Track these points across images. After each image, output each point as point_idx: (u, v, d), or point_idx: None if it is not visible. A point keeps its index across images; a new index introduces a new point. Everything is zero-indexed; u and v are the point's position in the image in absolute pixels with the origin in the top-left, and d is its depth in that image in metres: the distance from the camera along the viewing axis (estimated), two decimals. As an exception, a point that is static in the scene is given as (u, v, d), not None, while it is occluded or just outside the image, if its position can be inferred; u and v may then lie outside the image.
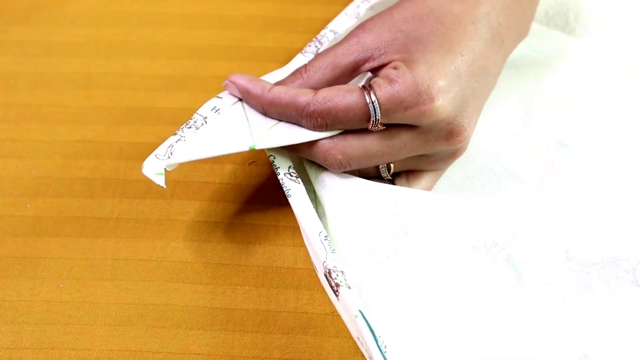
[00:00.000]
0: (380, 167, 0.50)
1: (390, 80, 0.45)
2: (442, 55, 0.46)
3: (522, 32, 0.51)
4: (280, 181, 0.48)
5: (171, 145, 0.47)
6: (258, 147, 0.47)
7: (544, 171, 0.53)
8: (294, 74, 0.49)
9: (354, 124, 0.46)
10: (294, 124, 0.47)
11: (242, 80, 0.48)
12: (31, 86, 0.60)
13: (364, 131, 0.47)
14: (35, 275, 0.51)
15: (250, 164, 0.56)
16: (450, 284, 0.46)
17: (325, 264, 0.45)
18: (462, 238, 0.46)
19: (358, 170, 0.50)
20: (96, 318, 0.49)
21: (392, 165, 0.49)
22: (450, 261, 0.46)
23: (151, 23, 0.64)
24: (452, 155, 0.49)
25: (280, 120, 0.48)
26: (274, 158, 0.49)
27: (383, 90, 0.45)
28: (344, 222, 0.47)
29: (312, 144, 0.47)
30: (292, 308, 0.49)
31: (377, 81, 0.46)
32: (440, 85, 0.45)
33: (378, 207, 0.47)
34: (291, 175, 0.49)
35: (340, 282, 0.44)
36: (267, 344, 0.48)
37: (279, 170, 0.49)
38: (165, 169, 0.46)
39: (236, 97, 0.49)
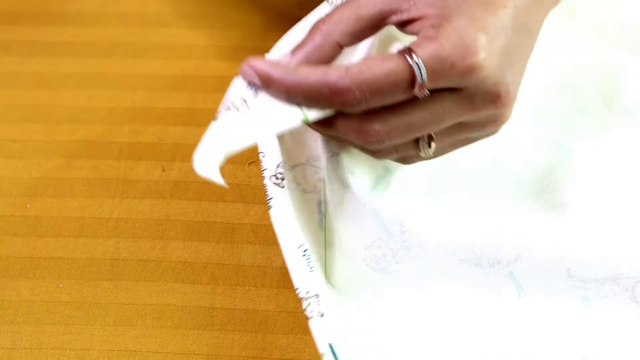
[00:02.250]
0: (420, 143, 0.44)
1: (431, 38, 0.40)
2: (482, 6, 0.41)
3: None
4: (265, 187, 0.46)
5: (217, 134, 0.42)
6: (311, 118, 0.41)
7: (542, 175, 0.52)
8: (311, 30, 0.43)
9: (397, 93, 0.41)
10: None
11: (261, 64, 0.42)
12: (31, 86, 0.60)
13: (404, 101, 0.42)
14: (35, 275, 0.51)
15: (249, 163, 0.56)
16: (450, 297, 0.46)
17: (297, 291, 0.43)
18: (464, 254, 0.46)
19: (391, 151, 0.45)
20: (96, 318, 0.49)
21: (433, 138, 0.44)
22: (451, 276, 0.46)
23: (151, 23, 0.64)
24: (496, 121, 0.45)
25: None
26: (264, 155, 0.47)
27: (425, 48, 0.40)
28: (347, 228, 0.47)
29: (341, 120, 0.42)
30: (292, 308, 0.49)
31: (416, 41, 0.41)
32: (485, 38, 0.40)
33: (383, 220, 0.47)
34: (277, 178, 0.46)
35: (311, 313, 0.43)
36: (267, 344, 0.48)
37: (265, 173, 0.46)
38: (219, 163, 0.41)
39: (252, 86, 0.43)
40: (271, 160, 0.47)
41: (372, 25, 0.43)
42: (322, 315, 0.42)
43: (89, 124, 0.58)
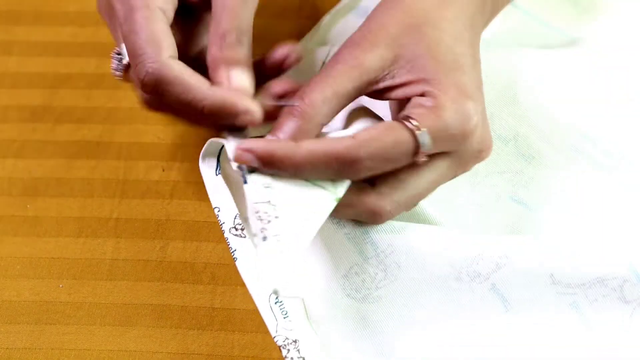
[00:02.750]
0: None
1: (431, 109, 0.42)
2: (462, 71, 0.43)
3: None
4: (226, 240, 0.46)
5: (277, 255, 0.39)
6: (339, 193, 0.42)
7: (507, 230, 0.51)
8: (287, 116, 0.43)
9: (402, 160, 0.42)
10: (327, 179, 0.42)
11: (260, 145, 0.41)
12: (31, 86, 0.60)
13: (407, 172, 0.43)
14: (35, 275, 0.51)
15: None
16: (434, 317, 0.45)
17: (275, 339, 0.44)
18: (444, 271, 0.45)
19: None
20: (96, 318, 0.49)
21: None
22: (433, 294, 0.45)
23: (151, 23, 0.64)
24: (478, 162, 0.47)
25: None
26: (219, 210, 0.46)
27: (428, 119, 0.42)
28: (321, 258, 0.47)
29: (356, 201, 0.43)
30: (292, 308, 0.49)
31: (415, 111, 0.42)
32: (473, 105, 0.43)
33: (356, 244, 0.46)
34: (236, 229, 0.46)
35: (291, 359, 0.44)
36: (267, 344, 0.48)
37: (223, 227, 0.47)
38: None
39: (243, 169, 0.41)
40: (227, 213, 0.47)
41: (351, 100, 0.44)
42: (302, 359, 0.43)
43: (89, 124, 0.58)
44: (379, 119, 0.46)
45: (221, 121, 0.43)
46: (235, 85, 0.43)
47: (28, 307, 0.50)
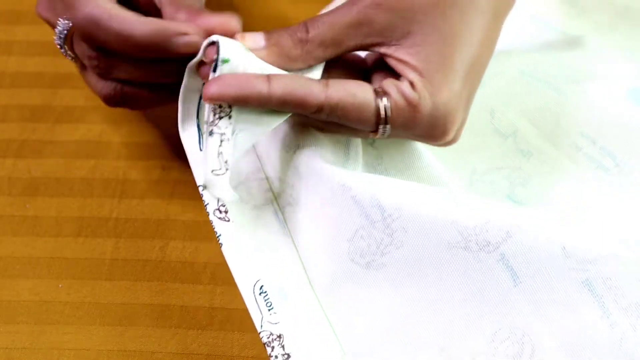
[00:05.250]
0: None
1: (408, 105, 0.42)
2: (462, 74, 0.42)
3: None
4: (211, 223, 0.46)
5: (219, 147, 0.41)
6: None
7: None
8: (291, 36, 0.43)
9: (359, 129, 0.44)
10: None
11: (231, 90, 0.41)
12: (31, 85, 0.60)
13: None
14: (34, 275, 0.51)
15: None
16: (440, 289, 0.44)
17: (260, 335, 0.44)
18: (452, 238, 0.44)
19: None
20: (95, 318, 0.49)
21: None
22: (439, 264, 0.44)
23: (151, 23, 0.64)
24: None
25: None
26: (203, 189, 0.46)
27: (399, 114, 0.42)
28: (325, 224, 0.46)
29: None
30: (292, 308, 0.49)
31: (394, 97, 0.42)
32: (456, 118, 0.43)
33: (363, 207, 0.45)
34: (220, 212, 0.46)
35: (276, 357, 0.43)
36: (266, 344, 0.48)
37: (208, 208, 0.46)
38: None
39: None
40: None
41: (349, 51, 0.43)
42: (288, 356, 0.43)
43: (88, 124, 0.58)
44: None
45: (162, 53, 0.43)
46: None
47: (27, 307, 0.50)
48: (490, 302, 0.44)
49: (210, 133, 0.41)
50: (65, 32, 0.46)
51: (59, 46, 0.47)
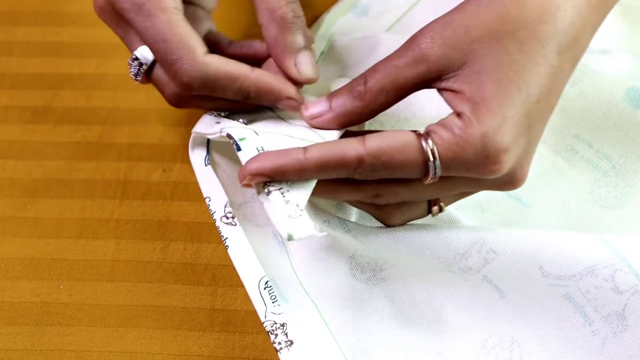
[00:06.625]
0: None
1: (455, 136, 0.39)
2: (516, 102, 0.40)
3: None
4: (218, 229, 0.46)
5: (283, 199, 0.40)
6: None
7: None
8: (351, 91, 0.42)
9: (410, 175, 0.42)
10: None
11: (267, 163, 0.40)
12: (31, 87, 0.60)
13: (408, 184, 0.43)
14: (35, 277, 0.51)
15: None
16: (430, 305, 0.46)
17: (264, 325, 0.44)
18: (434, 265, 0.46)
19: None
20: (96, 319, 0.49)
21: (442, 204, 0.46)
22: (429, 280, 0.46)
23: (151, 23, 0.64)
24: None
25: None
26: (210, 200, 0.47)
27: (446, 148, 0.40)
28: (328, 241, 0.48)
29: (354, 189, 0.43)
30: (293, 309, 0.49)
31: (440, 133, 0.40)
32: (510, 145, 0.40)
33: (355, 237, 0.47)
34: (227, 218, 0.46)
35: (279, 345, 0.44)
36: (267, 345, 0.48)
37: (214, 215, 0.47)
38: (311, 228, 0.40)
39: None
40: (217, 202, 0.47)
41: (410, 93, 0.42)
42: (291, 343, 0.43)
43: (89, 125, 0.57)
44: None
45: (261, 103, 0.46)
46: (304, 75, 0.46)
47: (28, 308, 0.50)
48: (479, 313, 0.46)
49: (268, 193, 0.40)
50: (144, 69, 0.46)
51: (133, 70, 0.47)
